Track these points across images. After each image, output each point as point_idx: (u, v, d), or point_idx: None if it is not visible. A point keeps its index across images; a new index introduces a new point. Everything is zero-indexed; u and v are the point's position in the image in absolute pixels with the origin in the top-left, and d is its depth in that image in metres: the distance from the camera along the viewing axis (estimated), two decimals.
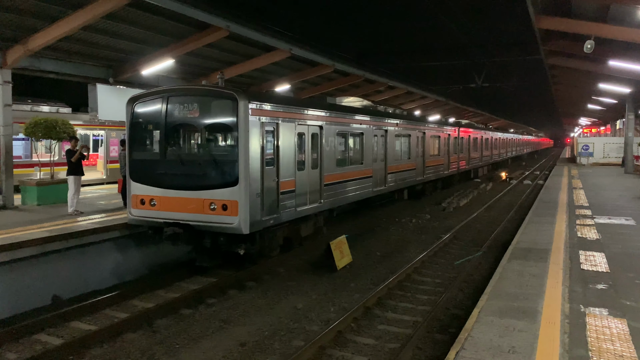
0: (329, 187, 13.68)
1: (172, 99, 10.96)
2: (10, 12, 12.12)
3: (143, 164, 11.39)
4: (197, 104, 10.75)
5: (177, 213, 10.64)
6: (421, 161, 22.31)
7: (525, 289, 7.88)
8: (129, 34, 14.81)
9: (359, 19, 23.07)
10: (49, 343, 8.02)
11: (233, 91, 10.42)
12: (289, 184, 11.73)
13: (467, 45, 25.85)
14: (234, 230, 10.14)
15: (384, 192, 18.20)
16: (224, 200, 10.21)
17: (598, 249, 10.56)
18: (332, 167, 13.95)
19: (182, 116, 10.89)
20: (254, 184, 10.33)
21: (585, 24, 15.49)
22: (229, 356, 7.51)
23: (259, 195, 10.50)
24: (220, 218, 10.25)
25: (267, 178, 10.83)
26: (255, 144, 10.42)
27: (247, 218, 10.10)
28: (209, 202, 10.36)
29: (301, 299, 10.03)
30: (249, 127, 10.19)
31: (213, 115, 10.92)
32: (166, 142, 11.05)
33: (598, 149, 39.81)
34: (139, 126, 11.56)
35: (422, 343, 7.91)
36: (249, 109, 10.23)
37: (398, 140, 19.60)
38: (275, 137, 11.24)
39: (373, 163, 16.87)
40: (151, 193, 11.02)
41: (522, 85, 37.78)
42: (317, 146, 13.23)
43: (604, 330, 6.31)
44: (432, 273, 11.94)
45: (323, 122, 13.40)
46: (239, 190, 10.11)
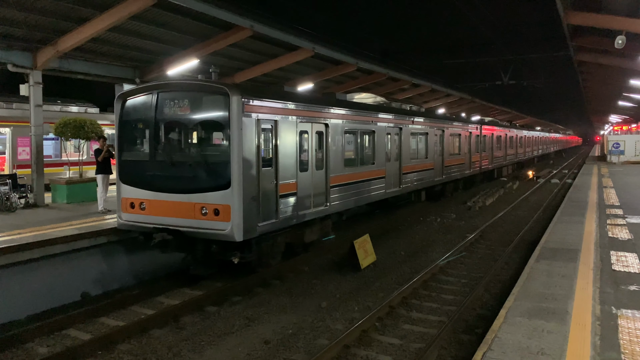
0: (335, 190, 12.87)
1: (162, 94, 10.26)
2: (40, 14, 12.42)
3: (132, 164, 10.73)
4: (187, 100, 10.04)
5: (167, 218, 9.95)
6: (440, 160, 21.22)
7: (554, 290, 7.72)
8: (155, 34, 15.02)
9: (383, 16, 22.94)
10: (78, 338, 8.19)
11: (224, 85, 9.70)
12: (290, 186, 10.96)
13: (493, 42, 25.48)
14: (226, 237, 9.40)
15: (399, 193, 17.23)
16: (216, 204, 9.48)
17: (630, 250, 10.28)
18: (340, 168, 13.09)
19: (172, 113, 10.20)
20: (249, 187, 9.58)
21: (616, 19, 15.09)
22: (254, 354, 7.55)
23: (255, 199, 9.76)
24: (212, 224, 9.52)
25: (264, 180, 10.09)
26: (250, 143, 9.67)
27: (241, 224, 9.34)
28: (200, 207, 9.65)
29: (325, 297, 10.02)
30: (242, 124, 9.42)
31: (204, 112, 10.16)
32: (155, 142, 10.42)
33: (629, 146, 38.74)
34: (128, 124, 10.89)
35: (447, 343, 7.82)
36: (242, 104, 9.45)
37: (414, 139, 18.62)
38: (274, 136, 10.48)
39: (386, 163, 15.95)
40: (140, 196, 10.34)
41: (550, 82, 37.07)
42: (322, 145, 12.39)
43: (637, 332, 6.14)
44: (458, 273, 11.79)
45: (329, 120, 12.59)
46: (232, 193, 9.36)
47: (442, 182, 21.84)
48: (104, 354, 7.59)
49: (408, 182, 17.80)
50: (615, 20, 15.20)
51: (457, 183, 24.95)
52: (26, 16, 12.33)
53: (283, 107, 10.83)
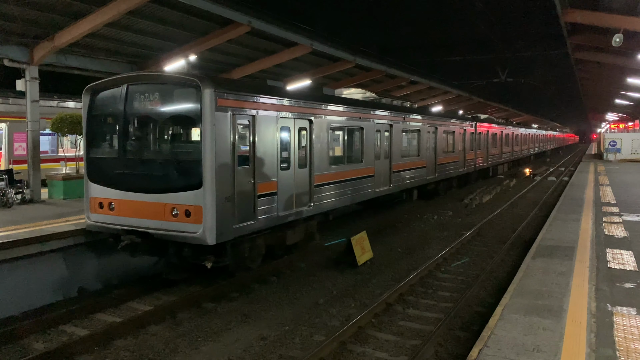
0: (320, 189, 12.29)
1: (131, 88, 9.69)
2: (37, 9, 12.37)
3: (100, 162, 10.18)
4: (157, 93, 9.47)
5: (137, 219, 9.43)
6: (432, 158, 20.66)
7: (550, 287, 7.75)
8: (152, 30, 14.97)
9: (381, 13, 22.85)
10: (75, 334, 8.18)
11: (196, 77, 9.10)
12: (269, 185, 10.40)
13: (491, 39, 25.41)
14: (197, 241, 8.86)
15: (389, 192, 16.61)
16: (187, 205, 8.94)
17: (626, 247, 10.33)
18: (325, 166, 12.48)
19: (142, 108, 9.64)
20: (223, 187, 8.99)
21: (614, 17, 15.12)
22: (250, 350, 7.56)
23: (229, 200, 9.16)
24: (182, 226, 9.00)
25: (240, 179, 9.49)
26: (224, 140, 9.07)
27: (214, 226, 8.79)
28: (170, 207, 9.10)
29: (322, 294, 10.04)
30: (215, 119, 8.83)
31: (174, 106, 9.54)
32: (124, 138, 9.86)
33: (626, 144, 38.82)
34: (96, 119, 10.31)
35: (443, 340, 7.84)
36: (215, 98, 8.86)
37: (405, 136, 18.03)
38: (251, 132, 9.87)
39: (375, 161, 15.34)
40: (109, 196, 9.82)
41: (548, 80, 37.06)
42: (306, 142, 11.82)
43: (632, 329, 6.17)
44: (454, 270, 11.82)
45: (313, 116, 11.95)
46: (204, 193, 8.80)
47: (435, 181, 21.36)
48: (100, 350, 7.58)
49: (399, 180, 17.28)
50: (613, 18, 15.23)
51: (451, 181, 24.56)
52: (23, 11, 12.26)
53: (262, 102, 10.21)
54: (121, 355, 7.46)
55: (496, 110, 53.76)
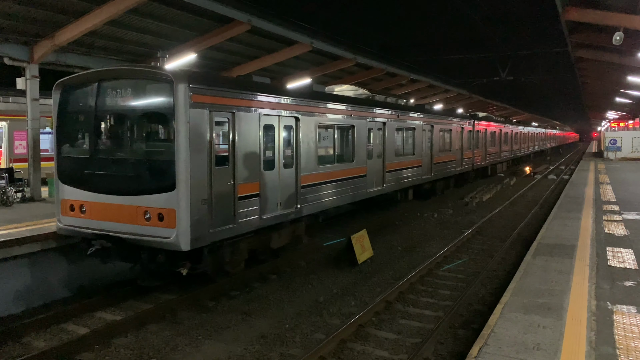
0: (308, 190, 11.79)
1: (103, 83, 9.22)
2: (37, 7, 12.35)
3: (71, 162, 9.70)
4: (129, 89, 9.01)
5: (108, 223, 8.94)
6: (428, 157, 20.18)
7: (551, 285, 7.75)
8: (153, 28, 14.95)
9: (381, 11, 22.85)
10: (75, 332, 8.19)
11: (169, 72, 8.61)
12: (251, 187, 9.87)
13: (491, 37, 25.42)
14: (171, 246, 8.35)
15: (382, 192, 16.10)
16: (160, 208, 8.43)
17: (626, 246, 10.33)
18: (312, 166, 11.96)
19: (113, 104, 9.18)
20: (198, 189, 8.49)
21: (615, 15, 15.09)
22: (250, 348, 7.57)
23: (206, 202, 8.65)
24: (155, 230, 8.48)
25: (219, 180, 9.00)
26: (200, 139, 8.57)
27: (188, 230, 8.29)
28: (143, 210, 8.59)
29: (322, 292, 10.05)
30: (189, 117, 8.32)
31: (147, 103, 9.05)
32: (96, 136, 9.42)
33: (626, 143, 38.82)
34: (67, 117, 9.82)
35: (444, 338, 7.86)
36: (189, 94, 8.35)
37: (399, 134, 17.49)
38: (231, 130, 9.37)
39: (367, 160, 14.83)
40: (80, 198, 9.32)
41: (548, 78, 37.06)
42: (292, 141, 11.30)
43: (632, 328, 6.17)
44: (455, 268, 11.83)
45: (299, 113, 11.42)
46: (177, 196, 8.28)
47: (431, 180, 20.91)
48: (101, 348, 7.59)
49: (392, 180, 16.79)
50: (613, 17, 15.20)
51: (448, 181, 24.12)
52: (23, 9, 12.26)
53: (242, 98, 9.69)
54: (121, 353, 7.47)
55: (496, 109, 53.75)
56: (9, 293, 9.08)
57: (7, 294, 9.04)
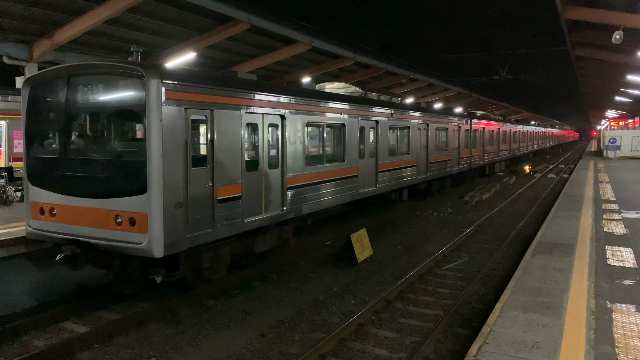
0: (295, 191, 11.30)
1: (73, 79, 8.70)
2: (36, 6, 12.35)
3: (41, 163, 9.22)
4: (100, 85, 8.51)
5: (79, 227, 8.48)
6: (424, 157, 19.57)
7: (550, 284, 7.77)
8: (152, 27, 14.95)
9: (381, 10, 22.82)
10: (75, 331, 8.20)
11: (140, 67, 8.04)
12: (232, 189, 9.32)
13: (491, 36, 25.41)
14: (142, 253, 7.89)
15: (375, 193, 15.57)
16: (131, 212, 7.97)
17: (625, 244, 10.35)
18: (300, 166, 11.47)
19: (84, 101, 8.69)
20: (172, 191, 7.99)
21: (614, 14, 15.11)
22: (250, 347, 7.58)
23: (181, 206, 8.14)
24: (127, 235, 8.02)
25: (195, 182, 8.48)
26: (175, 138, 8.05)
27: (161, 236, 7.81)
28: (114, 214, 8.12)
29: (322, 291, 10.06)
30: (162, 114, 7.82)
31: (117, 100, 8.53)
32: (66, 136, 8.89)
33: (626, 142, 38.82)
34: (36, 115, 9.36)
35: (443, 337, 7.86)
36: (162, 90, 7.85)
37: (393, 133, 16.93)
38: (209, 129, 8.86)
39: (359, 160, 14.31)
40: (50, 200, 8.85)
41: (548, 77, 37.03)
42: (277, 140, 10.81)
43: (631, 326, 6.18)
44: (454, 267, 11.84)
45: (286, 111, 10.92)
46: (149, 199, 7.79)
47: (427, 180, 20.36)
48: (100, 347, 7.60)
49: (386, 180, 16.22)
50: (613, 15, 15.22)
51: (444, 180, 23.57)
52: (22, 8, 12.25)
53: (222, 95, 9.14)
54: (121, 352, 7.47)
55: (496, 108, 53.77)
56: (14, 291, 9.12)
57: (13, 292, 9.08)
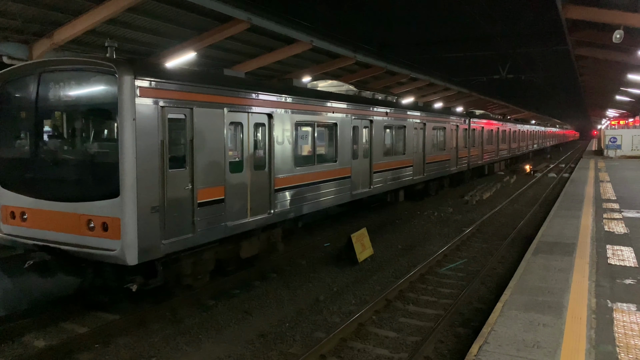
0: (283, 193, 10.93)
1: (45, 76, 8.34)
2: (36, 6, 12.33)
3: (11, 164, 8.86)
4: (72, 81, 8.16)
5: (50, 232, 8.11)
6: (420, 157, 19.16)
7: (551, 284, 7.76)
8: (152, 27, 14.93)
9: (381, 9, 22.84)
10: (75, 331, 8.19)
11: (112, 62, 7.65)
12: (214, 191, 8.93)
13: (491, 35, 25.41)
14: (115, 260, 7.50)
15: (369, 194, 15.14)
16: (104, 216, 7.58)
17: (626, 244, 10.34)
18: (288, 167, 11.10)
19: (55, 99, 8.33)
20: (147, 194, 7.59)
21: (615, 13, 15.10)
22: (251, 347, 7.58)
23: (157, 210, 7.75)
24: (100, 241, 7.64)
25: (173, 185, 8.08)
26: (149, 138, 7.65)
27: (135, 242, 7.44)
28: (86, 219, 7.72)
29: (323, 290, 10.05)
30: (136, 113, 7.43)
31: (89, 97, 8.11)
32: (37, 136, 8.53)
33: (626, 141, 38.83)
34: (5, 114, 8.96)
35: (444, 336, 7.85)
36: (136, 87, 7.46)
37: (388, 133, 16.55)
38: (189, 128, 8.44)
39: (352, 160, 13.93)
40: (21, 204, 8.45)
41: (548, 76, 37.05)
42: (264, 140, 10.44)
43: (632, 326, 6.17)
44: (455, 266, 11.83)
45: (274, 109, 10.55)
46: (122, 203, 7.40)
47: (424, 181, 19.98)
48: (101, 347, 7.59)
49: (380, 181, 15.77)
50: (613, 15, 15.21)
51: (442, 181, 23.15)
52: (22, 8, 12.23)
53: (203, 92, 8.74)
54: (122, 352, 7.47)
55: (497, 107, 53.75)
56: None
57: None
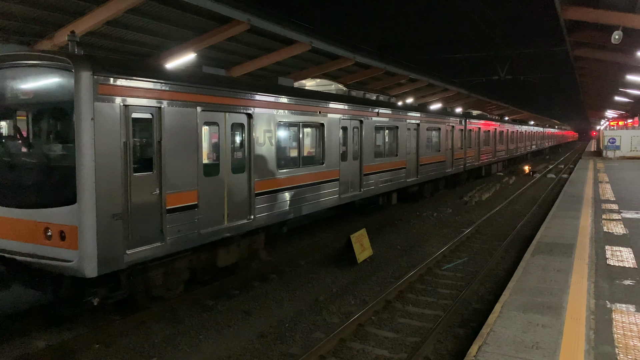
0: (265, 197, 10.43)
1: (1, 72, 7.86)
2: (37, 7, 12.37)
3: None
4: (27, 78, 7.62)
5: (6, 241, 7.58)
6: (414, 158, 18.71)
7: (550, 284, 7.78)
8: (152, 28, 14.96)
9: (381, 10, 22.90)
10: (75, 331, 8.19)
11: (68, 56, 7.07)
12: (186, 196, 8.40)
13: (490, 36, 25.50)
14: (72, 272, 6.96)
15: (359, 198, 14.64)
16: (61, 224, 7.03)
17: (625, 244, 10.36)
18: (270, 170, 10.63)
19: (12, 97, 7.81)
20: (108, 201, 7.07)
21: (614, 14, 15.14)
22: (250, 347, 7.59)
23: (120, 217, 7.23)
24: (57, 251, 7.07)
25: (139, 190, 7.56)
26: (110, 139, 7.13)
27: (94, 253, 6.91)
28: (43, 227, 7.16)
29: (322, 291, 10.07)
30: (95, 112, 6.91)
31: (44, 95, 7.56)
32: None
33: (625, 142, 38.87)
34: None
35: (443, 337, 7.87)
36: (96, 84, 6.93)
37: (380, 134, 16.07)
38: (157, 129, 7.92)
39: (341, 162, 13.43)
40: None
41: (547, 77, 37.12)
42: (243, 142, 9.95)
43: (631, 327, 6.20)
44: (453, 267, 11.85)
45: (253, 109, 10.03)
46: (79, 210, 6.87)
47: (418, 183, 19.43)
48: (101, 347, 7.60)
49: (371, 184, 15.29)
50: (612, 16, 15.25)
51: (437, 183, 22.65)
52: (23, 9, 12.27)
53: (173, 90, 8.18)
54: (122, 352, 7.48)
55: (495, 108, 53.80)
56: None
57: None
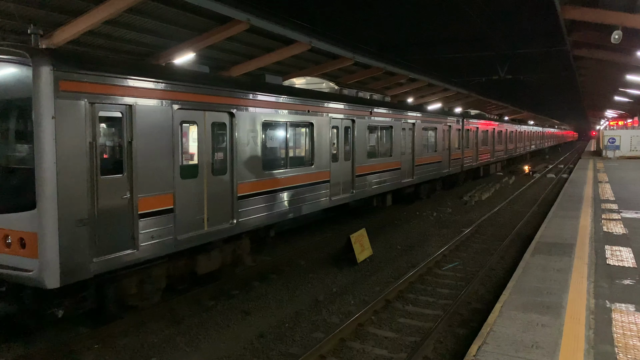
0: (248, 200, 9.91)
1: None
2: (35, 6, 12.35)
3: None
4: None
5: None
6: (409, 159, 18.30)
7: (549, 284, 7.78)
8: (151, 27, 14.95)
9: (380, 9, 22.87)
10: (75, 331, 8.18)
11: (26, 50, 6.60)
12: (161, 200, 7.93)
13: (490, 36, 25.46)
14: (33, 282, 6.49)
15: (351, 199, 14.25)
16: (20, 231, 6.56)
17: (625, 244, 10.36)
18: (255, 172, 10.09)
19: None
20: (71, 205, 6.59)
21: (613, 14, 15.14)
22: (250, 347, 7.58)
23: (85, 223, 6.74)
24: (17, 260, 6.59)
25: (106, 194, 7.09)
26: (74, 139, 6.65)
27: (56, 262, 6.42)
28: (3, 234, 6.74)
29: (322, 291, 10.06)
30: (56, 110, 6.42)
31: (2, 92, 7.09)
32: None
33: (625, 141, 38.86)
34: None
35: (443, 337, 7.87)
36: (57, 80, 6.43)
37: (373, 134, 15.65)
38: (127, 128, 7.43)
39: (332, 163, 13.01)
40: None
41: (547, 77, 37.11)
42: (224, 142, 9.47)
43: (630, 326, 6.19)
44: (453, 267, 11.85)
45: (235, 107, 9.54)
46: (39, 215, 6.39)
47: (413, 184, 19.06)
48: (101, 348, 7.60)
49: (365, 185, 14.89)
50: (612, 15, 15.25)
51: (434, 184, 22.25)
52: (21, 8, 12.25)
53: (145, 87, 7.68)
54: (122, 353, 7.47)
55: (495, 108, 53.79)
56: None
57: None
